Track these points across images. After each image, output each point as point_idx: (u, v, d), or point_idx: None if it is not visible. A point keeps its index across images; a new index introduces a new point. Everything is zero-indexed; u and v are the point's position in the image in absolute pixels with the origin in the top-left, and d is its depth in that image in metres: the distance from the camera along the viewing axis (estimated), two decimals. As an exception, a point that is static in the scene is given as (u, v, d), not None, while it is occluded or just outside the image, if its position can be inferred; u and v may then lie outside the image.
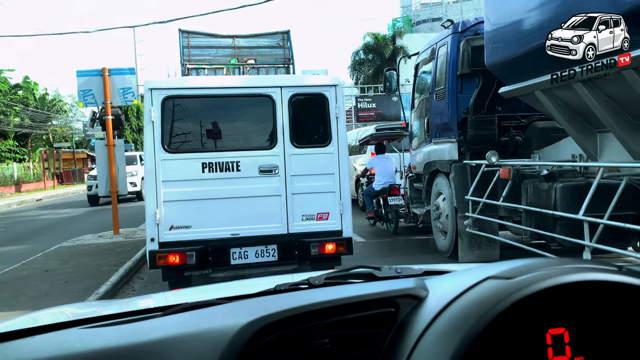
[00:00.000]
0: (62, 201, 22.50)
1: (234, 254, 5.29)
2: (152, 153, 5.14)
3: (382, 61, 32.84)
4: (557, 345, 0.89)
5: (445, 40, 7.30)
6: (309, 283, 1.28)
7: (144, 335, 1.00)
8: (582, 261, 0.92)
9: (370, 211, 10.05)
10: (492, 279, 0.88)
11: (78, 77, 9.77)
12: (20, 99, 37.11)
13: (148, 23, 33.50)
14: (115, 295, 6.20)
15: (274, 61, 8.68)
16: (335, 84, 5.48)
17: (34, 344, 1.08)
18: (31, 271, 7.45)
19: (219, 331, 0.95)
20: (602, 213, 4.23)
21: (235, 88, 5.51)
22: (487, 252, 6.70)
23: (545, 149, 6.37)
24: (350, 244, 5.49)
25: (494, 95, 6.51)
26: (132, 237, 9.90)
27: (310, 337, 0.96)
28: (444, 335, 0.82)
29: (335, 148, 5.46)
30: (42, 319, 1.47)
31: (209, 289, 1.99)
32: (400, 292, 1.00)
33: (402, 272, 1.32)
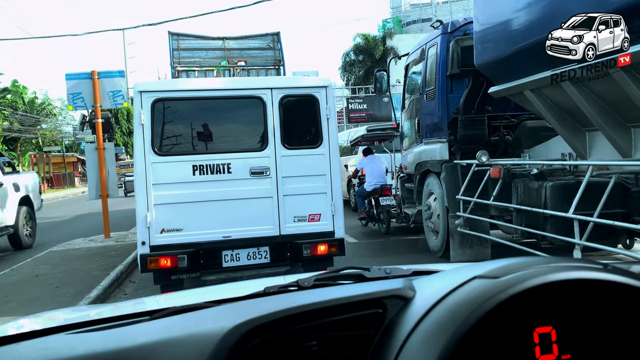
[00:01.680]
0: (53, 205, 22.32)
1: (225, 256, 5.28)
2: (142, 156, 5.11)
3: (373, 62, 32.85)
4: (545, 344, 0.89)
5: (434, 40, 7.33)
6: (298, 285, 1.27)
7: (131, 340, 0.99)
8: (569, 260, 0.93)
9: (362, 212, 10.07)
10: (478, 278, 0.88)
11: (67, 80, 9.70)
12: (9, 103, 36.85)
13: (137, 25, 33.63)
14: (106, 300, 6.16)
15: (264, 63, 8.66)
16: (326, 85, 5.49)
17: (20, 350, 1.07)
18: (21, 276, 7.38)
19: (205, 335, 0.94)
20: (592, 211, 4.26)
21: (226, 90, 5.50)
22: (478, 251, 6.72)
23: (535, 148, 6.40)
24: (343, 244, 5.49)
25: (484, 95, 6.54)
26: (123, 241, 9.84)
27: (299, 339, 0.96)
28: (430, 336, 0.82)
29: (327, 149, 5.46)
30: (29, 325, 1.45)
31: (199, 292, 1.98)
32: (387, 293, 1.00)
33: (391, 272, 1.32)
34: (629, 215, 4.82)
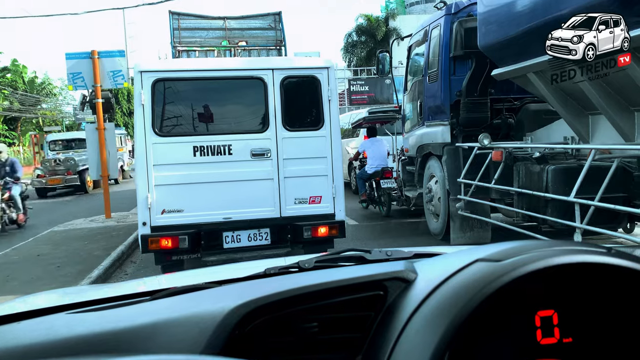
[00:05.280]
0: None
1: (226, 237, 5.29)
2: (143, 137, 5.09)
3: (375, 43, 32.60)
4: (546, 327, 0.89)
5: (438, 21, 7.25)
6: (299, 266, 1.27)
7: (131, 320, 0.99)
8: (571, 243, 0.92)
9: (363, 194, 10.07)
10: (481, 261, 0.88)
11: (67, 59, 9.66)
12: (9, 82, 36.66)
13: (138, 5, 33.21)
14: (107, 280, 6.20)
15: (265, 43, 8.60)
16: (328, 67, 5.44)
17: (20, 329, 1.07)
18: (22, 256, 7.42)
19: (206, 315, 0.94)
20: (593, 195, 4.25)
21: (227, 70, 5.46)
22: (479, 235, 6.74)
23: (538, 131, 6.37)
24: (343, 227, 5.50)
25: (487, 77, 6.49)
26: (124, 221, 9.87)
27: (299, 320, 0.96)
28: (432, 318, 0.81)
29: (328, 131, 5.43)
30: (29, 304, 1.46)
31: (199, 272, 1.98)
32: (388, 275, 0.99)
33: (392, 254, 1.31)
34: (630, 199, 4.81)
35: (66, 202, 15.49)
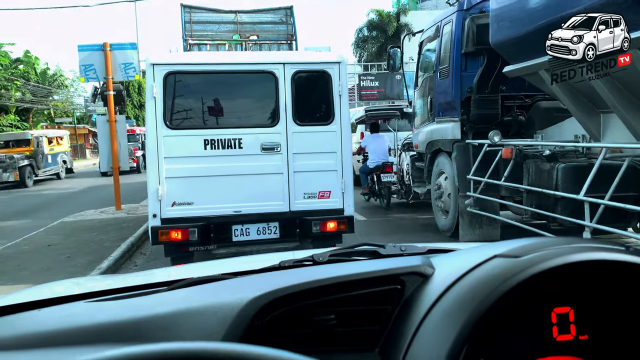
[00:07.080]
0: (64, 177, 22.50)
1: (235, 230, 5.31)
2: (154, 129, 5.12)
3: (386, 39, 32.41)
4: (562, 324, 0.89)
5: (450, 17, 7.21)
6: (314, 260, 1.28)
7: (150, 310, 1.01)
8: (589, 240, 0.93)
9: (365, 187, 10.41)
10: (499, 257, 0.88)
11: (79, 51, 9.70)
12: (21, 74, 36.83)
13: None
14: (117, 271, 6.25)
15: (276, 37, 8.60)
16: (339, 61, 5.43)
17: (42, 316, 1.09)
18: (33, 246, 7.49)
19: (225, 306, 0.95)
20: (603, 194, 4.23)
21: (238, 64, 5.47)
22: (488, 232, 6.72)
23: (548, 129, 6.34)
24: (352, 222, 5.51)
25: (498, 74, 6.46)
26: (134, 213, 9.94)
27: (317, 312, 0.97)
28: (450, 313, 0.82)
29: (338, 126, 5.43)
30: (47, 292, 1.48)
31: (212, 264, 2.00)
32: (406, 270, 1.00)
33: (407, 249, 1.32)
34: (641, 198, 4.78)
35: (77, 193, 15.59)
